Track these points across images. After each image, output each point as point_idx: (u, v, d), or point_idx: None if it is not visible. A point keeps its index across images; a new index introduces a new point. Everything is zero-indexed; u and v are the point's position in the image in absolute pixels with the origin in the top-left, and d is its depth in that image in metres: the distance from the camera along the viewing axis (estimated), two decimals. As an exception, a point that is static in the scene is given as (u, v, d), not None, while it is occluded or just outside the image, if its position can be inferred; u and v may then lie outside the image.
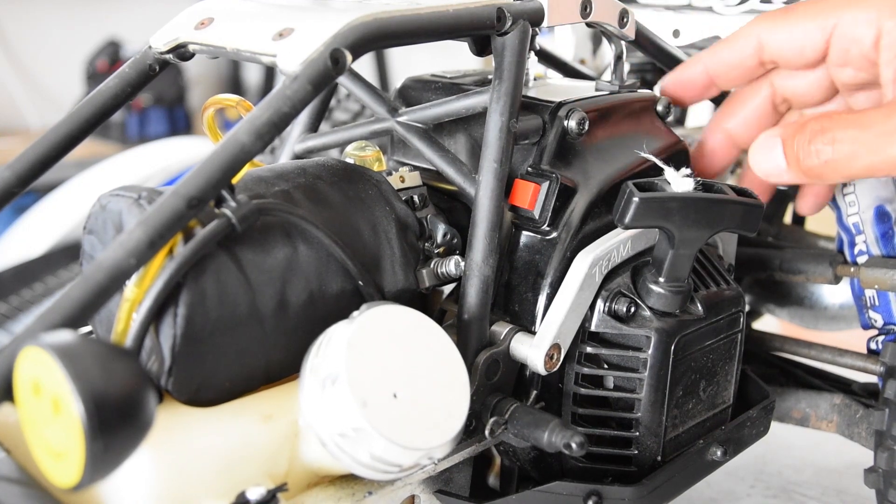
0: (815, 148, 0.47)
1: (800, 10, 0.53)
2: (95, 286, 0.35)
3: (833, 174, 0.47)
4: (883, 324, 0.60)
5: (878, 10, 0.49)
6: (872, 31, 0.50)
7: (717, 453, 0.51)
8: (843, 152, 0.46)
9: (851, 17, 0.50)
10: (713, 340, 0.50)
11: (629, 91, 0.54)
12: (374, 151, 0.51)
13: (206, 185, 0.38)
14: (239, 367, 0.40)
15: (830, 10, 0.52)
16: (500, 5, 0.46)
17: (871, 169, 0.46)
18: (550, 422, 0.43)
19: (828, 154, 0.47)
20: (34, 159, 0.48)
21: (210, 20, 0.47)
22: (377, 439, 0.37)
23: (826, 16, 0.52)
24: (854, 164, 0.46)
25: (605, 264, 0.47)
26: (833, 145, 0.47)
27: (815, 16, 0.52)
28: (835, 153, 0.47)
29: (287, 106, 0.39)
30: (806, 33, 0.52)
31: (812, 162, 0.47)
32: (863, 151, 0.46)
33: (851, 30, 0.51)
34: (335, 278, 0.43)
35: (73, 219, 1.26)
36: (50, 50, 2.45)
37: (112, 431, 0.32)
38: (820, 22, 0.52)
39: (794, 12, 0.53)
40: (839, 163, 0.47)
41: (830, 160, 0.47)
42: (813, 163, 0.47)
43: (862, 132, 0.46)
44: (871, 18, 0.50)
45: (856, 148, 0.46)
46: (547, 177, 0.48)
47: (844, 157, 0.46)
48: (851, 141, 0.46)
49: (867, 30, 0.50)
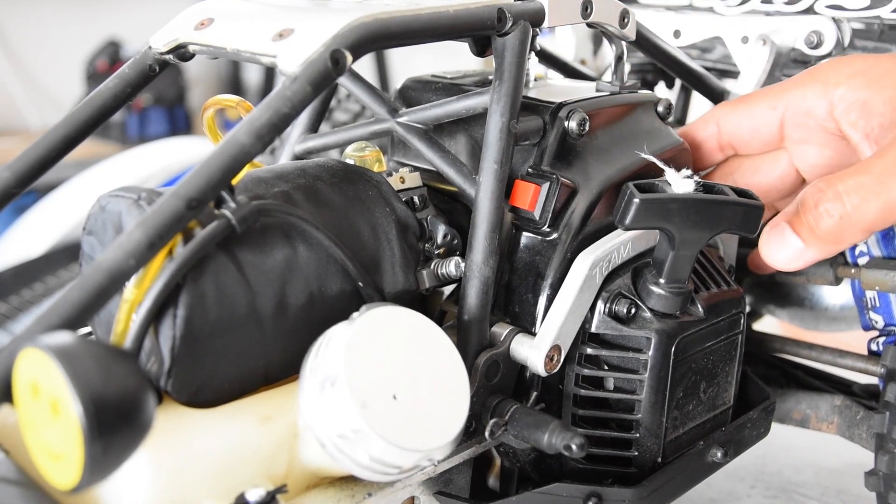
0: (825, 208, 0.46)
1: (755, 95, 0.55)
2: (95, 287, 0.35)
3: (851, 230, 0.46)
4: (884, 325, 0.60)
5: (823, 83, 0.51)
6: (824, 103, 0.51)
7: (717, 455, 0.51)
8: (853, 202, 0.45)
9: (800, 93, 0.52)
10: (714, 342, 0.50)
11: (630, 92, 0.54)
12: (374, 152, 0.51)
13: (206, 186, 0.38)
14: (238, 369, 0.40)
15: (780, 91, 0.53)
16: (500, 6, 0.46)
17: (886, 209, 0.45)
18: (550, 423, 0.43)
19: (839, 210, 0.45)
20: (34, 160, 0.48)
21: (210, 20, 0.47)
22: (376, 441, 0.37)
23: (776, 97, 0.53)
24: (868, 210, 0.45)
25: (606, 265, 0.47)
26: (840, 199, 0.45)
27: (766, 97, 0.54)
28: (846, 206, 0.45)
29: (287, 107, 0.39)
30: (759, 114, 0.54)
31: (827, 224, 0.46)
32: (872, 195, 0.45)
33: (802, 104, 0.52)
34: (335, 279, 0.43)
35: (73, 219, 1.26)
36: (50, 50, 2.45)
37: (111, 433, 0.32)
38: (771, 102, 0.53)
39: (750, 97, 0.55)
40: (853, 215, 0.45)
41: (844, 214, 0.45)
42: (828, 224, 0.46)
43: (864, 176, 0.45)
44: (818, 91, 0.51)
45: (863, 193, 0.45)
46: (547, 178, 0.48)
47: (855, 208, 0.45)
48: (857, 188, 0.45)
49: (818, 101, 0.51)
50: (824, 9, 0.63)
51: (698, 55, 0.76)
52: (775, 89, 0.54)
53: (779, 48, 0.64)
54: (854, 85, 0.49)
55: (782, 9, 0.65)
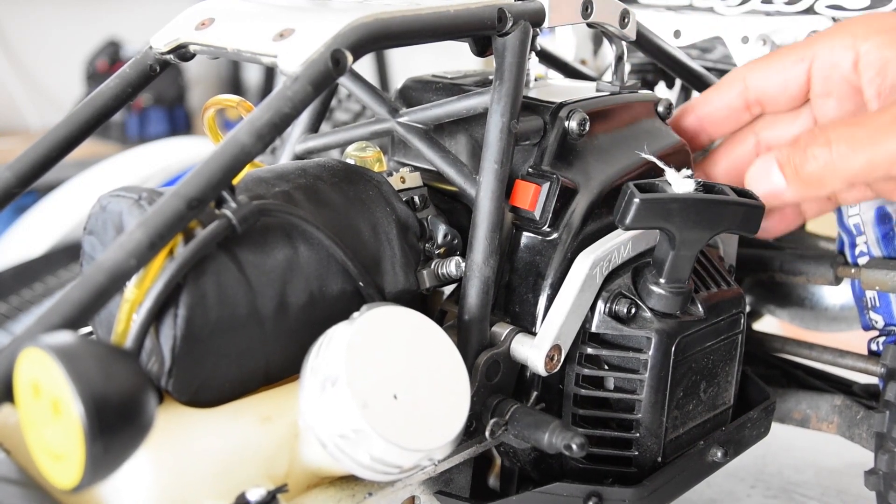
0: (812, 152, 0.47)
1: (781, 50, 0.55)
2: (96, 287, 0.35)
3: (833, 176, 0.47)
4: (884, 325, 0.60)
5: (852, 35, 0.51)
6: (850, 55, 0.51)
7: (717, 454, 0.51)
8: (841, 150, 0.46)
9: (829, 45, 0.52)
10: (714, 341, 0.50)
11: (630, 92, 0.54)
12: (374, 152, 0.51)
13: (207, 185, 0.38)
14: (239, 368, 0.40)
15: (808, 44, 0.53)
16: (500, 6, 0.46)
17: (870, 164, 0.46)
18: (551, 423, 0.43)
19: (825, 155, 0.47)
20: (35, 160, 0.48)
21: (210, 20, 0.47)
22: (377, 441, 0.37)
23: (804, 50, 0.53)
24: (853, 161, 0.46)
25: (606, 265, 0.47)
26: (830, 146, 0.47)
27: (794, 51, 0.54)
28: (833, 152, 0.47)
29: (288, 107, 0.39)
30: (787, 68, 0.54)
31: (811, 167, 0.47)
32: (860, 147, 0.46)
33: (830, 57, 0.52)
34: (335, 279, 0.43)
35: (73, 219, 1.27)
36: (50, 50, 2.45)
37: (112, 433, 0.32)
38: (799, 55, 0.53)
39: (776, 53, 0.55)
40: (838, 162, 0.47)
41: (829, 161, 0.47)
42: (812, 168, 0.47)
43: (857, 129, 0.46)
44: (846, 44, 0.51)
45: (852, 144, 0.46)
46: (548, 178, 0.48)
47: (842, 156, 0.46)
48: (848, 139, 0.46)
49: (845, 54, 0.51)
50: (824, 9, 0.63)
51: (698, 55, 0.76)
52: (803, 43, 0.54)
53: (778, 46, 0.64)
54: (880, 42, 0.50)
55: (782, 9, 0.65)
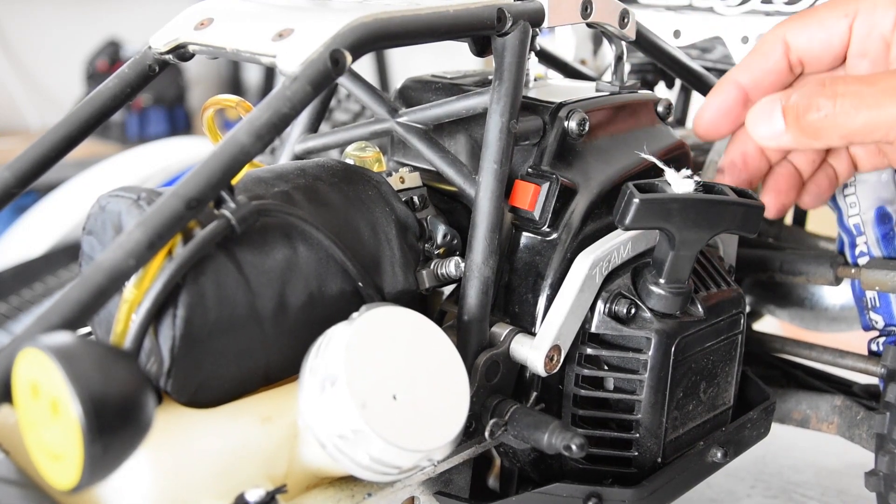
0: (817, 102, 0.47)
1: (821, 7, 0.53)
2: (94, 287, 0.35)
3: (832, 130, 0.47)
4: (884, 325, 0.60)
5: None
6: (891, 15, 0.50)
7: (717, 455, 0.51)
8: (845, 106, 0.46)
9: (871, 2, 0.51)
10: (714, 342, 0.50)
11: (630, 92, 0.54)
12: (374, 152, 0.51)
13: (206, 186, 0.38)
14: (238, 369, 0.40)
15: (850, 0, 0.52)
16: (500, 6, 0.46)
17: (869, 125, 0.46)
18: (550, 423, 0.43)
19: (829, 108, 0.46)
20: (34, 160, 0.48)
21: (210, 20, 0.47)
22: (376, 441, 0.37)
23: (847, 6, 0.52)
24: (854, 118, 0.46)
25: (606, 265, 0.47)
26: (835, 99, 0.46)
27: (836, 7, 0.52)
28: (836, 106, 0.46)
29: (287, 107, 0.39)
30: (830, 25, 0.52)
31: (812, 116, 0.47)
32: (864, 105, 0.45)
33: (871, 15, 0.51)
34: (335, 279, 0.43)
35: (72, 219, 1.27)
36: (50, 50, 2.45)
37: (111, 433, 0.32)
38: (842, 10, 0.52)
39: (816, 9, 0.54)
40: (839, 117, 0.46)
41: (831, 114, 0.46)
42: (813, 117, 0.47)
43: (866, 87, 0.46)
44: (889, 2, 0.50)
45: (857, 102, 0.46)
46: (547, 178, 0.48)
47: (845, 111, 0.46)
48: (854, 95, 0.46)
49: (886, 12, 0.50)
50: (824, 9, 0.63)
51: (698, 55, 0.76)
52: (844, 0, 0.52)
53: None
54: None
55: (782, 9, 0.65)
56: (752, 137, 0.50)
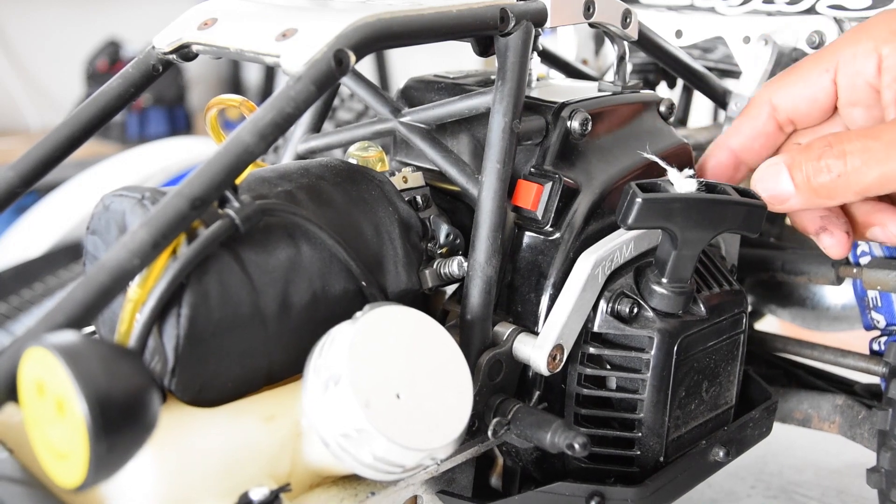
0: (826, 163, 0.46)
1: (802, 63, 0.53)
2: (99, 287, 0.35)
3: (845, 190, 0.46)
4: (885, 325, 0.60)
5: (874, 39, 0.50)
6: (873, 60, 0.50)
7: (719, 454, 0.51)
8: (854, 164, 0.45)
9: (851, 52, 0.51)
10: (716, 341, 0.50)
11: (632, 91, 0.54)
12: (377, 152, 0.51)
13: (210, 185, 0.38)
14: (242, 368, 0.40)
15: (830, 52, 0.52)
16: (503, 6, 0.46)
17: (882, 179, 0.45)
18: (553, 422, 0.43)
19: (839, 168, 0.45)
20: (37, 159, 0.48)
21: (213, 20, 0.47)
22: (379, 440, 0.37)
23: (827, 58, 0.52)
24: (866, 175, 0.45)
25: (608, 265, 0.47)
26: (844, 158, 0.45)
27: (817, 62, 0.52)
28: (846, 166, 0.45)
29: (290, 106, 0.39)
30: (813, 82, 0.52)
31: (822, 179, 0.46)
32: (875, 161, 0.45)
33: (853, 64, 0.51)
34: (338, 279, 0.43)
35: (73, 219, 1.27)
36: (50, 50, 2.45)
37: (116, 432, 0.32)
38: (823, 66, 0.52)
39: (798, 67, 0.54)
40: (850, 176, 0.45)
41: (843, 173, 0.45)
42: (823, 179, 0.46)
43: (872, 142, 0.45)
44: (868, 49, 0.50)
45: (867, 158, 0.45)
46: (550, 177, 0.48)
47: (856, 169, 0.45)
48: (862, 151, 0.45)
49: (867, 60, 0.50)
50: (826, 9, 0.63)
51: (700, 55, 0.76)
52: (825, 52, 0.52)
53: (780, 48, 0.64)
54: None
55: (784, 9, 0.65)
56: None
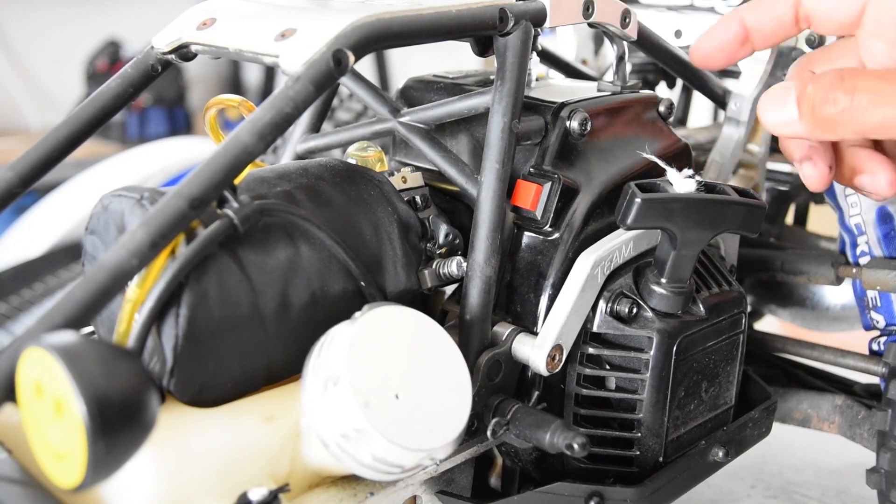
0: (834, 95, 0.45)
1: None
2: (98, 287, 0.35)
3: (847, 125, 0.45)
4: (885, 325, 0.60)
5: None
6: None
7: (718, 454, 0.51)
8: (862, 102, 0.45)
9: None
10: (715, 341, 0.50)
11: (631, 91, 0.54)
12: (376, 152, 0.51)
13: (209, 185, 0.38)
14: (241, 368, 0.40)
15: None
16: (502, 6, 0.46)
17: (885, 122, 0.44)
18: (552, 423, 0.43)
19: (846, 102, 0.45)
20: (36, 159, 0.48)
21: (212, 20, 0.47)
22: (379, 440, 0.37)
23: None
24: (871, 115, 0.45)
25: (607, 265, 0.47)
26: (853, 94, 0.45)
27: None
28: (853, 101, 0.45)
29: (289, 106, 0.39)
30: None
31: (828, 110, 0.45)
32: (882, 102, 0.44)
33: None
34: (337, 279, 0.43)
35: (73, 219, 1.26)
36: (50, 50, 2.45)
37: (114, 432, 0.32)
38: None
39: None
40: (855, 112, 0.45)
41: (848, 108, 0.45)
42: (829, 111, 0.45)
43: (884, 83, 0.45)
44: None
45: (876, 98, 0.44)
46: (549, 177, 0.48)
47: (862, 107, 0.45)
48: (872, 90, 0.45)
49: None
50: (825, 9, 0.63)
51: (699, 55, 0.76)
52: None
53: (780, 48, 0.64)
54: None
55: (783, 9, 0.65)
56: (763, 124, 0.49)
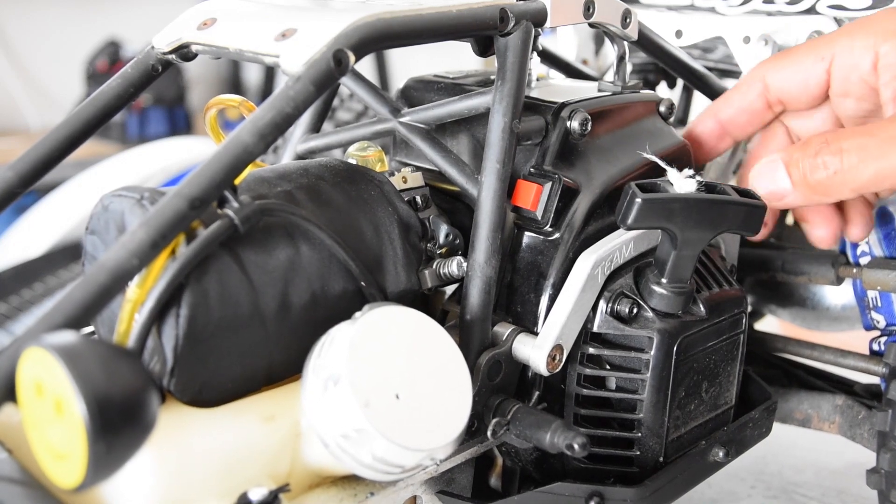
0: (823, 160, 0.46)
1: (800, 48, 0.54)
2: (98, 287, 0.35)
3: (841, 186, 0.47)
4: (885, 325, 0.60)
5: (873, 35, 0.50)
6: (870, 56, 0.50)
7: (719, 454, 0.51)
8: (851, 161, 0.46)
9: (848, 44, 0.51)
10: (715, 341, 0.50)
11: (632, 92, 0.54)
12: (376, 152, 0.51)
13: (209, 185, 0.38)
14: (241, 368, 0.40)
15: (827, 42, 0.52)
16: (502, 6, 0.46)
17: (878, 176, 0.46)
18: (552, 423, 0.43)
19: (836, 164, 0.46)
20: (37, 159, 0.48)
21: (213, 20, 0.47)
22: (379, 440, 0.37)
23: (824, 48, 0.52)
24: (863, 172, 0.46)
25: (608, 265, 0.47)
26: (840, 155, 0.46)
27: (813, 50, 0.53)
28: (843, 163, 0.46)
29: (290, 106, 0.39)
30: (806, 68, 0.53)
31: (819, 175, 0.47)
32: (870, 158, 0.45)
33: (849, 57, 0.51)
34: (337, 279, 0.43)
35: (73, 219, 1.26)
36: (50, 50, 2.45)
37: (114, 432, 0.32)
38: (819, 54, 0.52)
39: (795, 51, 0.54)
40: (847, 173, 0.46)
41: (839, 170, 0.46)
42: (820, 176, 0.47)
43: (869, 139, 0.46)
44: (867, 45, 0.50)
45: (863, 155, 0.46)
46: (549, 177, 0.48)
47: (852, 167, 0.46)
48: (858, 149, 0.46)
49: (864, 55, 0.50)
50: (826, 9, 0.63)
51: (700, 55, 0.76)
52: (822, 41, 0.53)
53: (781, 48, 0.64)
54: None
55: (784, 9, 0.65)
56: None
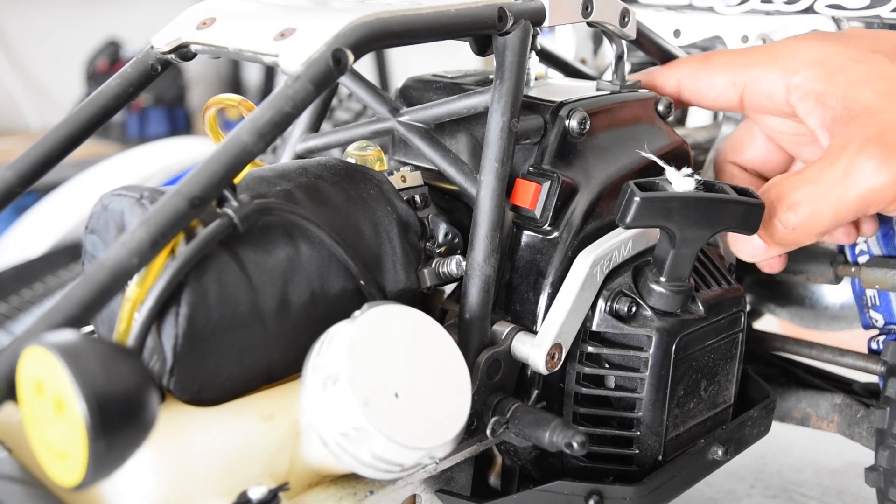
0: (780, 219, 0.48)
1: (716, 62, 0.55)
2: (98, 286, 0.35)
3: (807, 236, 0.48)
4: (884, 323, 0.60)
5: (782, 69, 0.51)
6: (782, 87, 0.51)
7: (717, 453, 0.51)
8: (806, 213, 0.47)
9: (761, 75, 0.52)
10: (714, 340, 0.50)
11: (630, 91, 0.54)
12: (375, 151, 0.51)
13: (209, 184, 0.38)
14: (240, 367, 0.40)
15: (742, 68, 0.53)
16: (501, 5, 0.46)
17: (837, 217, 0.47)
18: (552, 421, 0.43)
19: (793, 220, 0.47)
20: (36, 159, 0.48)
21: (212, 20, 0.47)
22: (378, 439, 0.37)
23: (738, 72, 0.53)
24: (821, 220, 0.47)
25: (607, 264, 0.47)
26: (795, 210, 0.47)
27: (727, 71, 0.54)
28: (798, 217, 0.47)
29: (289, 106, 0.39)
30: (720, 86, 0.54)
31: (782, 233, 0.48)
32: (824, 204, 0.47)
33: (762, 86, 0.52)
34: (337, 278, 0.43)
35: (73, 219, 1.26)
36: (50, 50, 2.45)
37: (114, 431, 0.32)
38: (732, 77, 0.54)
39: (711, 63, 0.55)
40: (807, 225, 0.47)
41: (798, 224, 0.47)
42: (783, 233, 0.48)
43: (815, 187, 0.47)
44: (777, 77, 0.51)
45: (816, 205, 0.47)
46: (548, 176, 0.48)
47: (808, 218, 0.47)
48: (809, 200, 0.47)
49: (777, 85, 0.52)
50: (824, 8, 0.63)
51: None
52: (737, 64, 0.54)
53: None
54: (810, 75, 0.50)
55: (782, 8, 0.65)
56: (744, 260, 0.52)
